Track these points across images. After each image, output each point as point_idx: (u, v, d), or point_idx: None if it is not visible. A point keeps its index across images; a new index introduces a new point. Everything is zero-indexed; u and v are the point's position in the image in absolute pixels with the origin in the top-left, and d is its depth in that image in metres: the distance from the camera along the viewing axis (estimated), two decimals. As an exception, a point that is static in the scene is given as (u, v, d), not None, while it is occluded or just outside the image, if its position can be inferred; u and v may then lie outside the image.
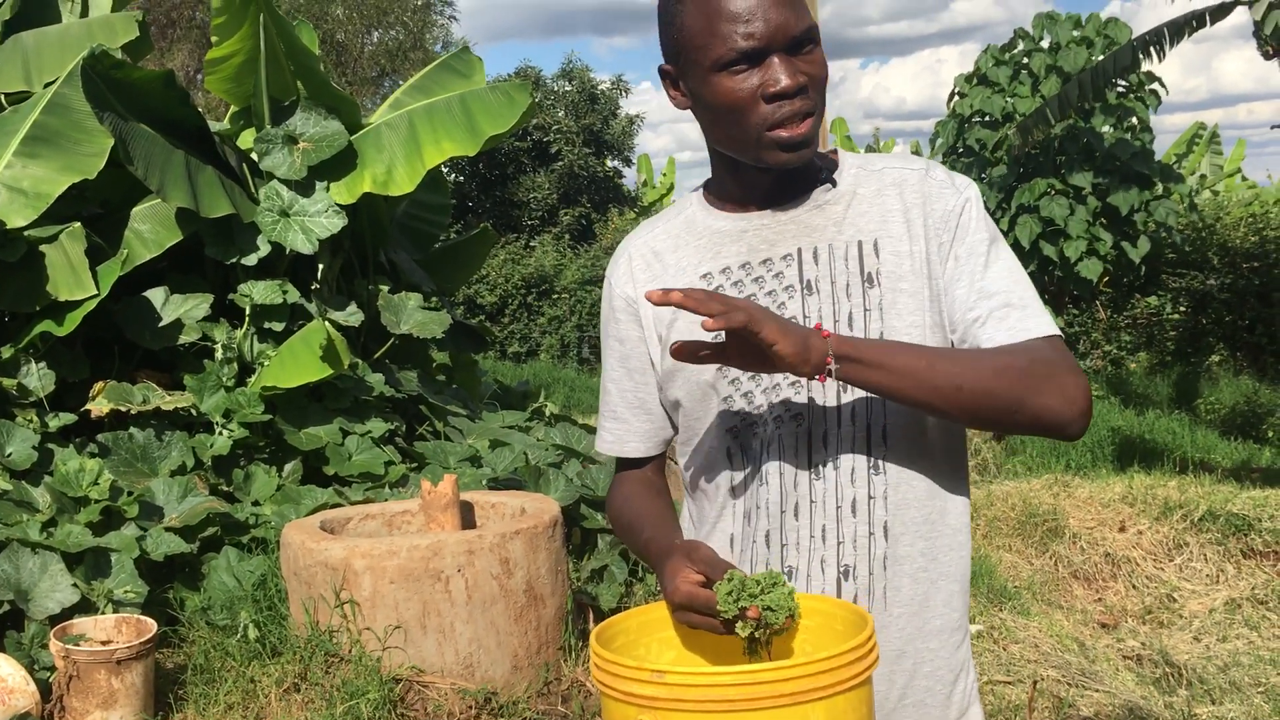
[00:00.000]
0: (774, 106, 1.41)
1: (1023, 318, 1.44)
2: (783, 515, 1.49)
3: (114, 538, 4.38)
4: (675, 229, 1.59)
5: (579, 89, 22.68)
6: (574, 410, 11.30)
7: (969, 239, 1.48)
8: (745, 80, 1.41)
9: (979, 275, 1.46)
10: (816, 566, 1.48)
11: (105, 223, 5.61)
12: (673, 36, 1.47)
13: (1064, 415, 1.39)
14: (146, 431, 5.02)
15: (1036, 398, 1.38)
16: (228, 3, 5.59)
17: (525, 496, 4.58)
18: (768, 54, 1.40)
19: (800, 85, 1.40)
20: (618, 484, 1.71)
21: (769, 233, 1.51)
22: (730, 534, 1.56)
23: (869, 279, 1.47)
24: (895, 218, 1.49)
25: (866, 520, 1.47)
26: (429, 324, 6.03)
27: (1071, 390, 1.39)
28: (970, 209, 1.49)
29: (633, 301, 1.59)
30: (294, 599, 4.07)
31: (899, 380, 1.36)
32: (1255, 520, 5.47)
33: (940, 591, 1.51)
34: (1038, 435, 1.43)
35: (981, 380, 1.37)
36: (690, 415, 1.57)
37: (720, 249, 1.53)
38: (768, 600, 1.31)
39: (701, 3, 1.42)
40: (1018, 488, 6.35)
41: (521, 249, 19.17)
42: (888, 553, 1.48)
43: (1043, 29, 13.81)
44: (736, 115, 1.43)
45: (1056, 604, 5.25)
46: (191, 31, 19.52)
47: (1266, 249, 12.06)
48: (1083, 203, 13.05)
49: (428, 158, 5.88)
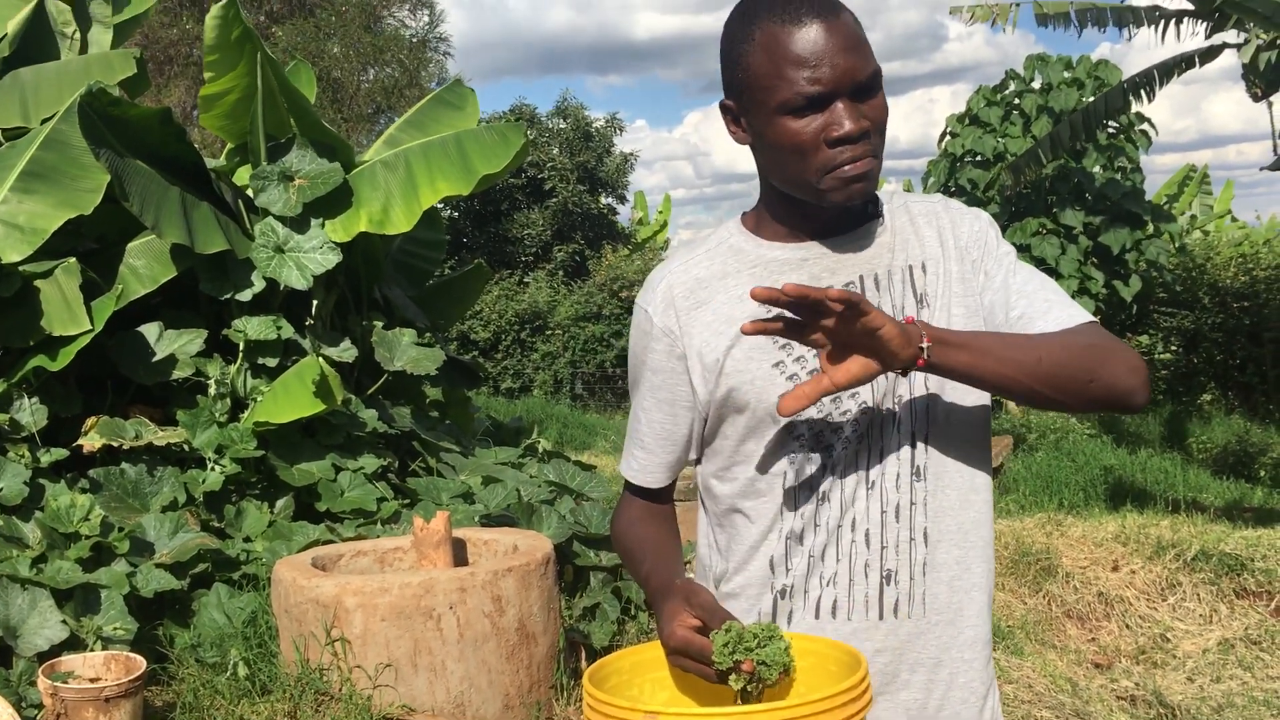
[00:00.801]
0: (837, 151, 1.44)
1: (1064, 307, 1.52)
2: (839, 530, 1.52)
3: (104, 574, 4.36)
4: (720, 257, 1.59)
5: (573, 126, 22.82)
6: (567, 446, 11.30)
7: (997, 252, 1.57)
8: (810, 124, 1.43)
9: (1013, 279, 1.55)
10: (860, 571, 1.51)
11: (100, 258, 5.62)
12: (737, 75, 1.49)
13: (1131, 384, 1.46)
14: (138, 467, 5.01)
15: (1106, 368, 1.45)
16: (221, 40, 5.63)
17: (518, 533, 4.57)
18: (833, 99, 1.42)
19: (864, 130, 1.43)
20: (626, 507, 1.71)
21: (829, 261, 1.54)
22: (772, 555, 1.56)
23: (921, 299, 1.53)
24: (932, 243, 1.56)
25: (909, 526, 1.51)
26: (422, 360, 6.03)
27: (1134, 361, 1.48)
28: (992, 231, 1.60)
29: (671, 331, 1.58)
30: (284, 636, 4.04)
31: (986, 359, 1.41)
32: (1248, 560, 5.47)
33: (973, 602, 1.55)
34: (1106, 408, 1.49)
35: (1055, 354, 1.43)
36: (741, 442, 1.57)
37: (778, 276, 1.54)
38: (763, 655, 1.31)
39: (769, 44, 1.43)
40: (1011, 526, 6.35)
41: (515, 285, 19.22)
42: (927, 558, 1.52)
43: (1034, 70, 13.96)
44: (799, 157, 1.45)
45: (1050, 644, 5.23)
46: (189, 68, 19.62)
47: (1256, 289, 12.13)
48: (1074, 242, 13.14)
49: (424, 197, 5.92)
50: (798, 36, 1.41)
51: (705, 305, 1.56)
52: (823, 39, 1.40)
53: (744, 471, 1.57)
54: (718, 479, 1.62)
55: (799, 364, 1.51)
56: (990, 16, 10.84)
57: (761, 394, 1.52)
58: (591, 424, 13.46)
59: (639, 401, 1.66)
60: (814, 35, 1.40)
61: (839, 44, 1.41)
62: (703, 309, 1.56)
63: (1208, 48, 9.83)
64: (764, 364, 1.52)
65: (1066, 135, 10.88)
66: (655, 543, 1.63)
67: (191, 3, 20.02)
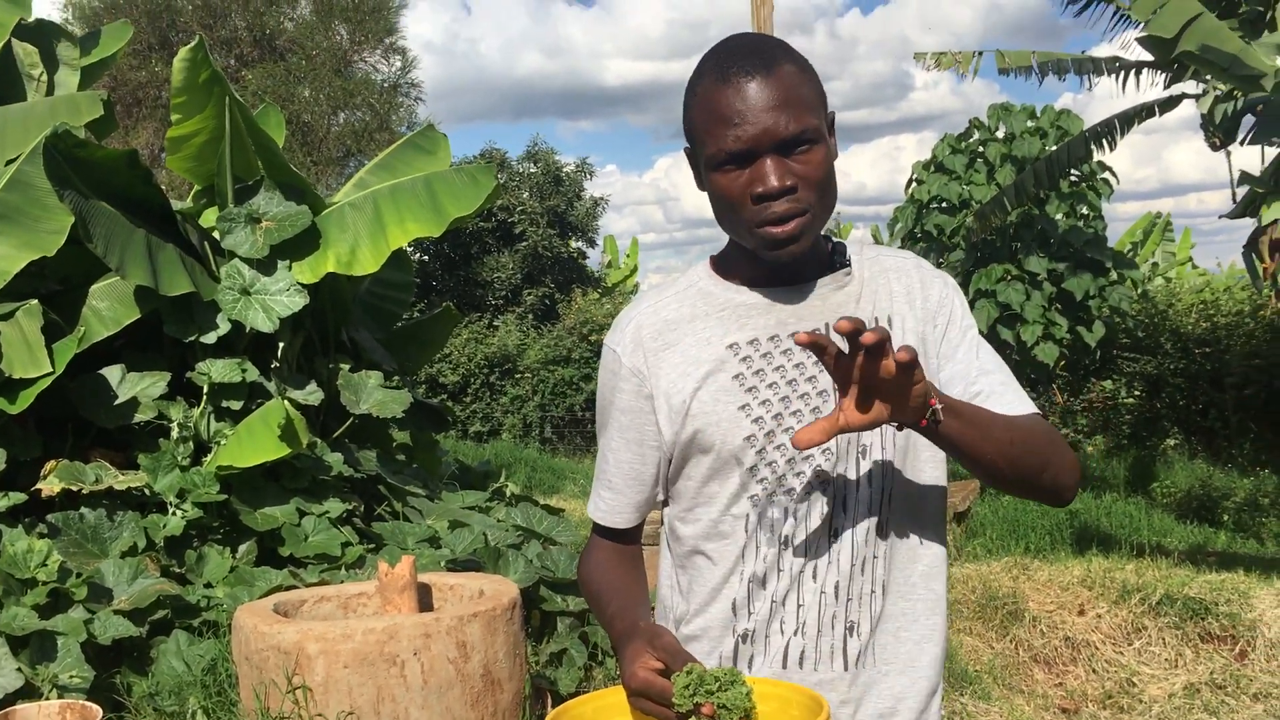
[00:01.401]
0: (761, 207, 1.47)
1: (1018, 396, 1.56)
2: (801, 576, 1.54)
3: (61, 620, 4.28)
4: (689, 299, 1.61)
5: (544, 171, 22.92)
6: (536, 490, 11.24)
7: (961, 323, 1.60)
8: (736, 179, 1.48)
9: (974, 355, 1.59)
10: (828, 622, 1.54)
11: (63, 300, 5.57)
12: (686, 126, 1.55)
13: (1071, 480, 1.55)
14: (98, 511, 4.94)
15: (1056, 462, 1.52)
16: (189, 82, 5.63)
17: (484, 578, 4.53)
18: (756, 156, 1.45)
19: (787, 187, 1.45)
20: (594, 549, 1.71)
21: (796, 308, 1.57)
22: (734, 599, 1.57)
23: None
24: (900, 298, 1.59)
25: (871, 579, 1.55)
26: (389, 403, 6.00)
27: (1072, 461, 1.55)
28: (958, 299, 1.63)
29: (639, 371, 1.59)
30: (244, 684, 3.98)
31: (977, 434, 1.44)
32: (1212, 604, 5.50)
33: (925, 654, 1.59)
34: (1039, 498, 1.55)
35: (1023, 438, 1.49)
36: (704, 484, 1.58)
37: (745, 321, 1.57)
38: (724, 699, 1.31)
39: (703, 100, 1.49)
40: (978, 570, 6.36)
41: (485, 328, 19.19)
42: (883, 610, 1.56)
43: (998, 119, 14.16)
44: (729, 210, 1.50)
45: (1017, 688, 5.23)
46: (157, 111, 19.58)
47: (1218, 334, 12.29)
48: (1039, 288, 13.27)
49: (392, 238, 5.91)
50: (725, 94, 1.46)
51: (673, 347, 1.58)
52: (747, 97, 1.44)
53: (707, 513, 1.58)
54: (681, 520, 1.63)
55: (764, 407, 1.53)
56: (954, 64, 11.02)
57: (726, 436, 1.54)
58: (560, 468, 13.41)
59: (606, 442, 1.67)
60: (739, 94, 1.45)
61: (764, 102, 1.44)
62: (671, 350, 1.58)
63: (1167, 98, 10.02)
64: (730, 406, 1.53)
65: (1030, 183, 11.03)
66: (621, 585, 1.63)
67: (160, 46, 20.03)
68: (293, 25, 21.19)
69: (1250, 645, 5.28)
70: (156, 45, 20.04)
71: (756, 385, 1.53)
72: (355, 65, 21.43)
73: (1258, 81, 6.67)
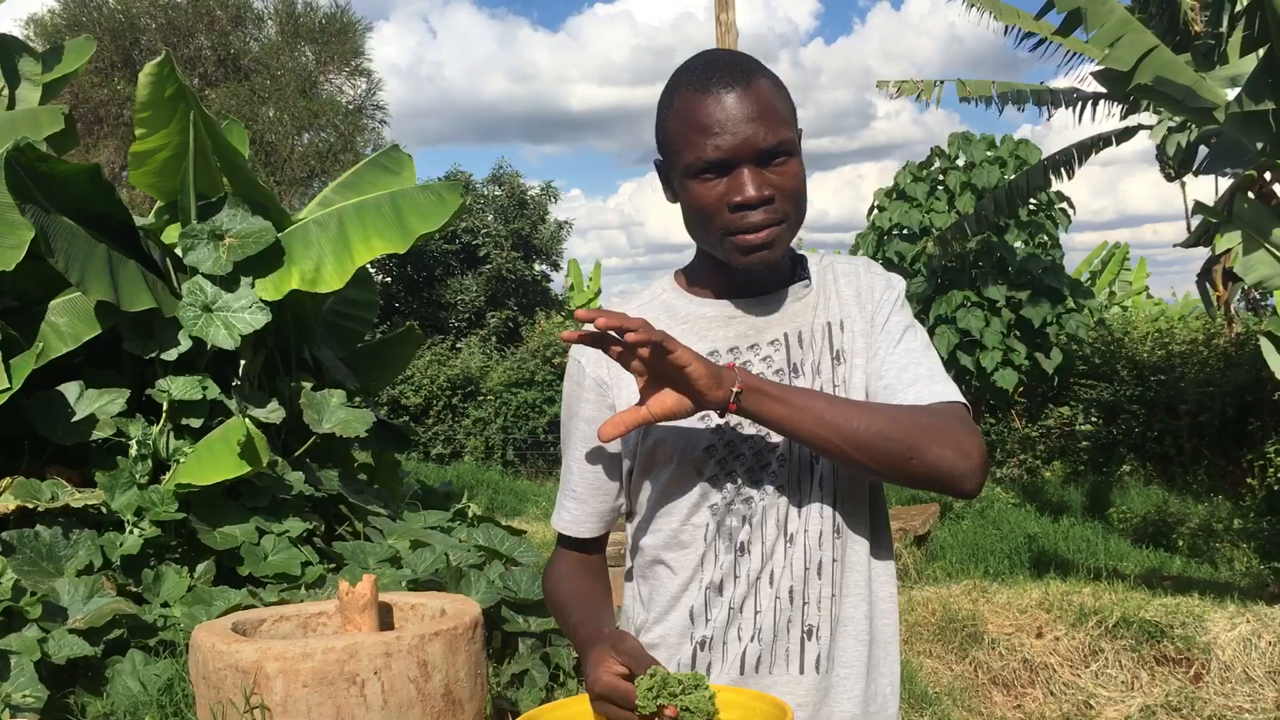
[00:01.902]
0: (738, 215, 1.49)
1: (929, 384, 1.54)
2: (758, 582, 1.54)
3: (14, 639, 4.22)
4: (653, 311, 1.63)
5: (509, 194, 22.96)
6: (499, 512, 11.19)
7: (889, 322, 1.61)
8: (713, 188, 1.50)
9: (891, 349, 1.59)
10: (784, 627, 1.54)
11: (21, 316, 5.50)
12: (660, 136, 1.57)
13: (959, 468, 1.45)
14: (54, 529, 4.87)
15: (931, 447, 1.44)
16: (154, 97, 5.60)
17: (446, 598, 4.51)
18: (735, 165, 1.48)
19: (765, 197, 1.48)
20: (558, 560, 1.73)
21: (756, 319, 1.59)
22: (692, 606, 1.58)
23: (838, 356, 1.59)
24: (850, 302, 1.62)
25: (830, 581, 1.55)
26: (351, 422, 5.97)
27: (966, 445, 1.46)
28: (897, 297, 1.64)
29: (603, 382, 1.62)
30: (201, 704, 3.93)
31: (799, 416, 1.43)
32: (1167, 627, 5.57)
33: (884, 658, 1.61)
34: (929, 487, 1.48)
35: (877, 424, 1.44)
36: (664, 494, 1.59)
37: (706, 332, 1.59)
38: (687, 701, 1.32)
39: (681, 110, 1.51)
40: (938, 593, 6.40)
41: (448, 350, 19.14)
42: (841, 613, 1.56)
43: (958, 148, 14.37)
44: (704, 219, 1.52)
45: (977, 710, 5.26)
46: (119, 129, 19.44)
47: (1173, 362, 12.46)
48: (998, 315, 13.45)
49: (357, 255, 5.89)
50: (705, 104, 1.48)
51: None
52: (728, 107, 1.47)
53: (667, 523, 1.60)
54: (641, 531, 1.64)
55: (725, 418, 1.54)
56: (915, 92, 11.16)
57: (687, 447, 1.56)
58: (523, 490, 13.37)
59: (570, 453, 1.68)
60: (720, 104, 1.47)
61: (744, 113, 1.47)
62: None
63: (1123, 129, 10.21)
64: (690, 418, 1.54)
65: (990, 211, 11.18)
66: (585, 595, 1.64)
67: (124, 64, 19.92)
68: (258, 45, 21.13)
69: (1205, 668, 5.35)
70: (119, 63, 19.93)
71: None
72: (320, 86, 21.39)
73: (1210, 113, 6.81)
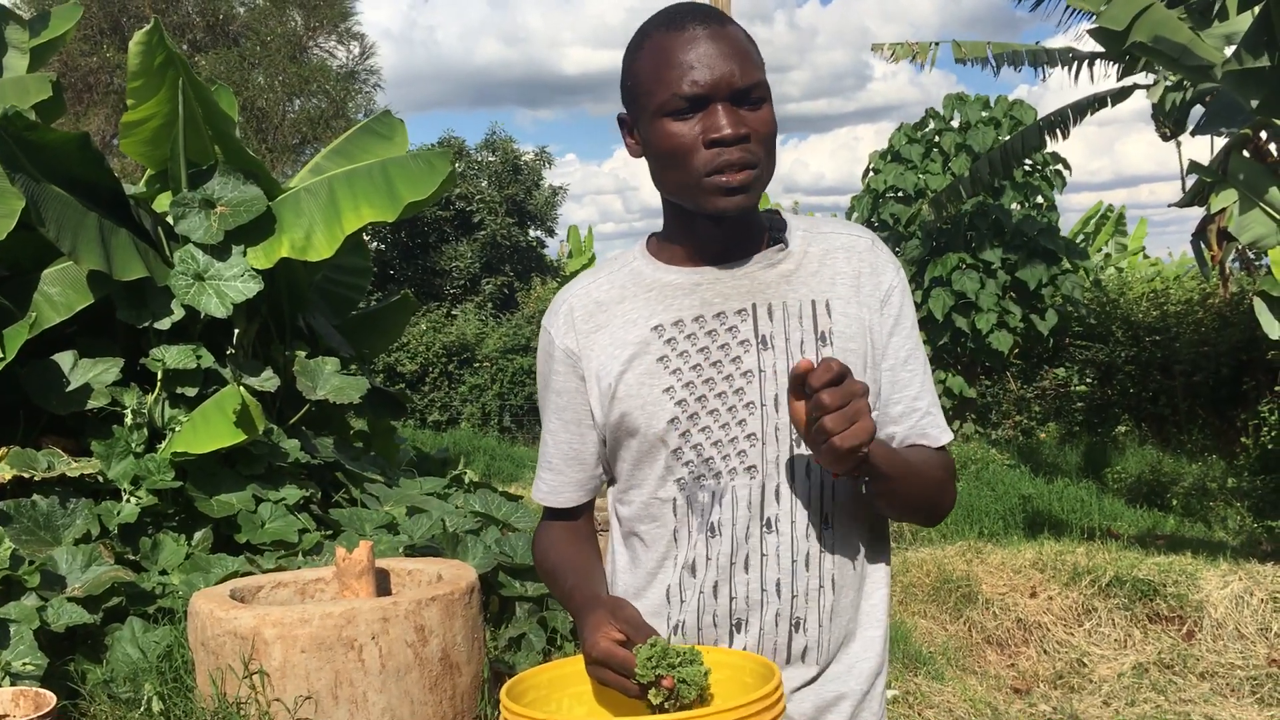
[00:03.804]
0: (714, 152, 1.46)
1: (931, 424, 1.60)
2: (732, 568, 1.52)
3: (13, 608, 4.24)
4: (620, 280, 1.60)
5: (502, 160, 22.85)
6: (495, 478, 11.22)
7: (903, 326, 1.59)
8: (690, 126, 1.46)
9: (902, 366, 1.59)
10: (770, 620, 1.52)
11: (14, 285, 5.49)
12: (628, 84, 1.53)
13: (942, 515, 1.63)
14: (50, 499, 4.88)
15: (944, 502, 1.61)
16: (145, 66, 5.56)
17: (442, 563, 4.53)
18: (711, 101, 1.45)
19: (741, 135, 1.45)
20: (544, 530, 1.72)
21: (722, 286, 1.54)
22: (668, 585, 1.56)
23: (822, 337, 1.52)
24: (844, 281, 1.55)
25: (818, 574, 1.52)
26: (346, 389, 5.97)
27: (951, 499, 1.62)
28: (906, 293, 1.61)
29: (572, 353, 1.59)
30: (200, 670, 3.96)
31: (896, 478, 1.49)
32: (1160, 586, 5.60)
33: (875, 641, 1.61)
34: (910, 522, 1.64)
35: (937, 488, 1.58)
36: (635, 466, 1.57)
37: (671, 301, 1.55)
38: (684, 674, 1.33)
39: (654, 50, 1.48)
40: (933, 554, 6.44)
41: (443, 317, 19.11)
42: (833, 605, 1.54)
43: (953, 109, 14.30)
44: (679, 159, 1.48)
45: (970, 669, 5.31)
46: (109, 97, 19.31)
47: (1168, 323, 12.48)
48: (993, 277, 13.44)
49: (347, 223, 5.87)
50: (680, 41, 1.46)
51: (603, 329, 1.57)
52: (703, 45, 1.45)
53: (639, 495, 1.58)
54: (619, 501, 1.64)
55: (688, 389, 1.52)
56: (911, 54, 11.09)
57: (651, 419, 1.53)
58: (519, 456, 13.39)
59: (546, 424, 1.67)
60: (695, 41, 1.45)
61: (720, 50, 1.45)
62: (600, 332, 1.57)
63: (1119, 89, 10.16)
64: (654, 389, 1.53)
65: (985, 172, 11.15)
66: (575, 560, 1.64)
67: (112, 31, 19.75)
68: (245, 10, 20.95)
69: (1197, 625, 5.39)
70: (108, 30, 19.76)
71: (680, 367, 1.52)
72: (310, 51, 21.23)
73: (1207, 72, 6.77)
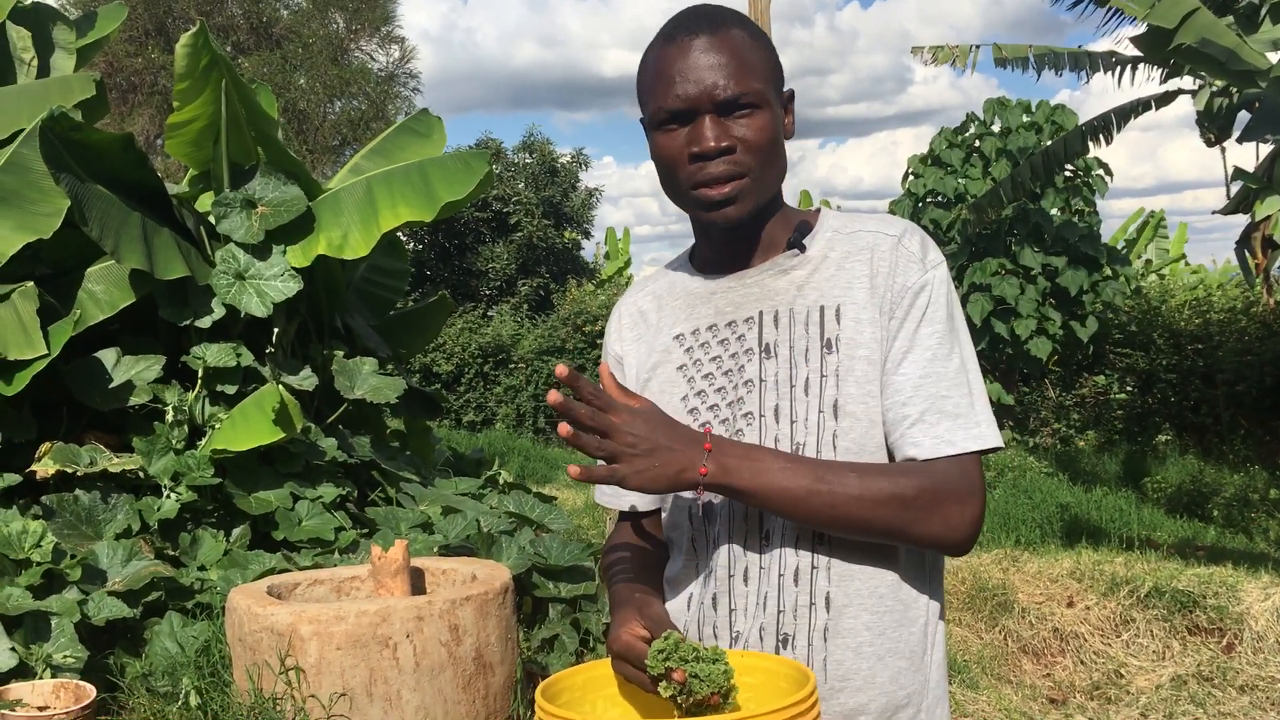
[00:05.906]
0: (697, 166, 1.46)
1: (951, 429, 1.43)
2: (731, 580, 1.51)
3: (55, 601, 4.30)
4: (660, 289, 1.64)
5: (540, 161, 22.91)
6: (529, 479, 11.25)
7: (923, 324, 1.46)
8: (675, 138, 1.47)
9: (923, 365, 1.45)
10: (756, 633, 1.49)
11: (58, 283, 5.57)
12: (638, 93, 1.55)
13: (945, 540, 1.44)
14: (92, 494, 4.95)
15: (916, 527, 1.42)
16: (190, 68, 5.63)
17: (477, 563, 4.55)
18: (697, 114, 1.45)
19: (723, 147, 1.44)
20: (615, 532, 1.75)
21: (735, 295, 1.54)
22: (690, 593, 1.58)
23: (828, 345, 1.46)
24: (860, 284, 1.48)
25: (808, 590, 1.47)
26: (383, 389, 6.01)
27: (954, 520, 1.42)
28: (932, 290, 1.47)
29: (620, 359, 1.64)
30: (238, 665, 4.00)
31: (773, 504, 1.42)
32: (1200, 597, 5.53)
33: (887, 669, 1.48)
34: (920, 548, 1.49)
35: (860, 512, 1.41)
36: None
37: (693, 310, 1.57)
38: (697, 669, 1.32)
39: (651, 63, 1.49)
40: (968, 562, 6.39)
41: (479, 318, 19.19)
42: (829, 625, 1.47)
43: (994, 114, 14.19)
44: (668, 171, 1.50)
45: (1005, 678, 5.26)
46: (153, 98, 19.54)
47: (1210, 331, 12.31)
48: (1033, 282, 13.32)
49: (384, 222, 5.91)
50: (668, 54, 1.46)
51: (642, 338, 1.62)
52: (690, 56, 1.44)
53: (667, 503, 1.61)
54: (663, 508, 1.65)
55: (700, 398, 1.53)
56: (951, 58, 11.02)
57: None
58: (554, 457, 13.42)
59: None
60: (682, 52, 1.45)
61: (708, 61, 1.44)
62: (639, 341, 1.62)
63: (1163, 93, 10.04)
64: (674, 397, 1.54)
65: (1025, 177, 11.05)
66: (630, 560, 1.66)
67: (157, 32, 19.99)
68: (289, 13, 21.15)
69: (1237, 638, 5.32)
70: (153, 31, 19.99)
71: (694, 376, 1.54)
72: (352, 54, 21.39)
73: (1253, 78, 6.69)
